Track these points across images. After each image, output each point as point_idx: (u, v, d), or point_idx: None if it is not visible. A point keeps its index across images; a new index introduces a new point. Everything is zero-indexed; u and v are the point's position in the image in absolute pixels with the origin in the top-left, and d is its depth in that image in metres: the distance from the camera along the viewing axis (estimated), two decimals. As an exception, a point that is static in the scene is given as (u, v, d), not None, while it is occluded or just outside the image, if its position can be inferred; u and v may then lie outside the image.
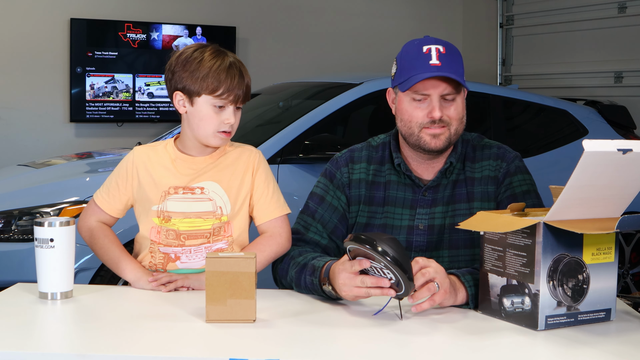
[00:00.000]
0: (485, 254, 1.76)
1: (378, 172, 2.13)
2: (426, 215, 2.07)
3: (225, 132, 2.01)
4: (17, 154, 6.10)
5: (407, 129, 2.05)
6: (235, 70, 2.00)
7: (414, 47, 2.03)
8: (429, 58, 1.98)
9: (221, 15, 7.02)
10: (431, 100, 2.00)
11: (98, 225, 2.09)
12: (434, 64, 1.97)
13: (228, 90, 1.98)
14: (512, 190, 2.06)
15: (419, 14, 7.91)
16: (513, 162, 2.10)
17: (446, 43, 2.03)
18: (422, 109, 2.01)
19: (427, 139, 2.02)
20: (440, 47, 2.00)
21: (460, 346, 1.56)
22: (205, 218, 2.02)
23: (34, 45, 6.37)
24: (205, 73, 1.97)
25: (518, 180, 2.07)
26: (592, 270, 1.69)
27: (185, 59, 2.00)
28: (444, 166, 2.08)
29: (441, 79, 1.98)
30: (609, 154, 1.53)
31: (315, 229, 2.11)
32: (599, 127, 4.97)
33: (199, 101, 2.00)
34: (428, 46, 2.00)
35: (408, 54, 2.03)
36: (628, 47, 6.43)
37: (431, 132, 2.01)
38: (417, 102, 2.01)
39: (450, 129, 2.03)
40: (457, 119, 2.04)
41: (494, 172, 2.09)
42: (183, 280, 1.96)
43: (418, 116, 2.02)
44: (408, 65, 2.01)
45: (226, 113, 2.00)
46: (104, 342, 1.55)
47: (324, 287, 1.85)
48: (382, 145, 2.17)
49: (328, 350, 1.53)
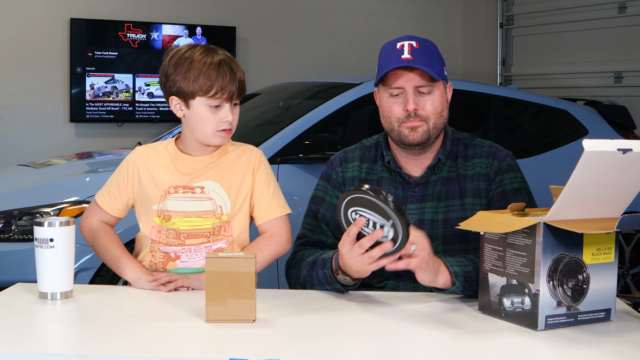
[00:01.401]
0: (485, 254, 1.76)
1: (371, 170, 2.18)
2: (416, 210, 2.11)
3: (225, 131, 2.01)
4: (17, 154, 6.10)
5: (388, 124, 2.11)
6: (225, 67, 1.98)
7: (389, 45, 2.09)
8: (401, 53, 2.04)
9: (221, 15, 7.02)
10: (406, 93, 2.05)
11: (99, 225, 2.09)
12: (405, 58, 2.03)
13: (221, 88, 1.97)
14: (503, 187, 2.09)
15: (419, 14, 7.91)
16: (505, 160, 2.13)
17: (423, 40, 2.08)
18: (399, 104, 2.07)
19: (405, 132, 2.07)
20: (414, 43, 2.05)
21: (460, 346, 1.56)
22: (205, 217, 2.02)
23: (34, 45, 6.37)
24: (196, 75, 1.96)
25: (509, 178, 2.11)
26: (592, 270, 1.69)
27: (177, 62, 2.00)
28: (432, 162, 2.13)
29: (414, 73, 2.03)
30: (609, 153, 1.53)
31: (319, 229, 2.15)
32: (599, 127, 4.97)
33: (194, 103, 1.99)
34: (401, 42, 2.06)
35: (384, 52, 2.10)
36: (628, 47, 6.43)
37: (409, 125, 2.06)
38: (395, 98, 2.08)
39: (428, 122, 2.07)
40: (434, 112, 2.08)
41: (486, 169, 2.12)
42: (183, 280, 1.96)
43: (396, 111, 2.07)
44: (383, 62, 2.08)
45: (223, 111, 2.00)
46: (104, 342, 1.55)
47: (339, 276, 1.90)
48: (374, 144, 2.22)
49: (328, 350, 1.53)
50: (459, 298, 1.90)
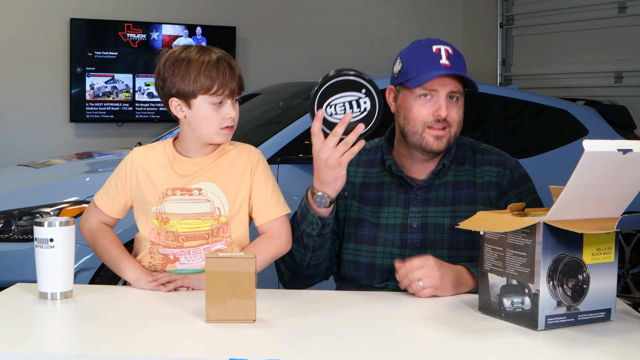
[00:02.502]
0: (485, 254, 1.76)
1: (368, 174, 2.17)
2: (419, 213, 2.10)
3: (228, 128, 2.01)
4: (17, 154, 6.10)
5: (411, 127, 2.07)
6: (224, 64, 1.99)
7: (422, 46, 2.07)
8: (439, 57, 2.03)
9: (221, 15, 7.02)
10: (438, 98, 2.04)
11: (99, 226, 2.09)
12: (444, 64, 2.02)
13: (222, 85, 1.97)
14: (522, 201, 2.09)
15: (419, 14, 7.91)
16: (516, 170, 2.14)
17: (452, 46, 2.09)
18: (428, 107, 2.05)
19: (430, 140, 2.06)
20: (449, 49, 2.06)
21: (460, 346, 1.56)
22: (204, 219, 2.02)
23: (34, 45, 6.37)
24: (196, 73, 1.96)
25: (526, 190, 2.13)
26: (592, 270, 1.69)
27: (173, 63, 1.99)
28: (436, 167, 2.11)
29: (450, 78, 2.03)
30: (609, 154, 1.53)
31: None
32: (599, 127, 4.97)
33: (195, 103, 1.99)
34: (437, 46, 2.05)
35: (417, 53, 2.07)
36: (628, 47, 6.43)
37: (434, 134, 2.05)
38: (424, 100, 2.05)
39: (450, 130, 2.07)
40: (457, 121, 2.08)
41: (496, 178, 2.12)
42: (183, 280, 1.96)
43: (423, 114, 2.05)
44: (417, 63, 2.05)
45: (225, 108, 2.00)
46: (104, 342, 1.55)
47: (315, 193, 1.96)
48: (375, 148, 2.21)
49: (328, 350, 1.53)
50: (459, 298, 1.90)
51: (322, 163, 1.90)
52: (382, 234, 2.10)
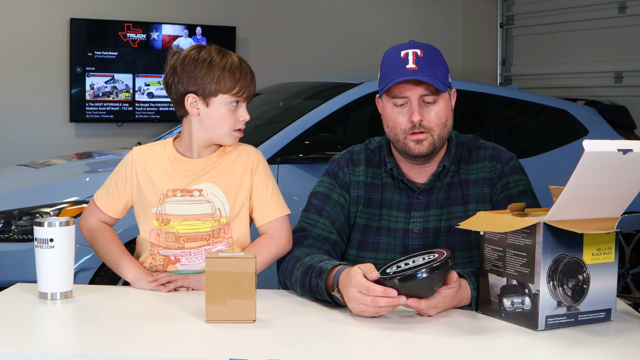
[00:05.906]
0: (485, 254, 1.76)
1: (376, 175, 2.14)
2: (420, 218, 2.08)
3: (239, 130, 2.04)
4: (17, 154, 6.09)
5: (393, 135, 2.07)
6: (246, 67, 2.03)
7: (393, 52, 2.05)
8: (406, 62, 2.00)
9: (221, 15, 7.02)
10: (411, 104, 2.02)
11: (99, 225, 2.09)
12: (410, 68, 1.99)
13: (244, 87, 2.00)
14: (508, 191, 2.06)
15: (419, 14, 7.91)
16: (508, 163, 2.10)
17: (427, 46, 2.04)
18: (404, 115, 2.03)
19: (411, 145, 2.04)
20: (418, 51, 2.01)
21: (460, 346, 1.56)
22: (204, 220, 2.02)
23: (33, 45, 6.36)
24: (220, 73, 1.98)
25: (514, 181, 2.08)
26: (592, 270, 1.69)
27: (193, 61, 1.99)
28: (437, 169, 2.09)
29: (418, 83, 2.00)
30: (609, 154, 1.53)
31: (323, 225, 2.09)
32: (599, 127, 4.97)
33: (215, 101, 2.00)
34: (405, 50, 2.02)
35: (388, 60, 2.06)
36: (628, 47, 6.43)
37: (415, 138, 2.03)
38: (399, 108, 2.03)
39: (432, 134, 2.03)
40: (438, 123, 2.04)
41: (489, 173, 2.09)
42: (183, 280, 1.96)
43: (401, 122, 2.03)
44: (387, 70, 2.04)
45: (241, 110, 2.03)
46: (104, 342, 1.55)
47: (333, 293, 1.81)
48: (378, 148, 2.19)
49: (328, 350, 1.53)
50: (459, 298, 1.89)
51: (347, 299, 1.75)
52: (384, 239, 2.09)
